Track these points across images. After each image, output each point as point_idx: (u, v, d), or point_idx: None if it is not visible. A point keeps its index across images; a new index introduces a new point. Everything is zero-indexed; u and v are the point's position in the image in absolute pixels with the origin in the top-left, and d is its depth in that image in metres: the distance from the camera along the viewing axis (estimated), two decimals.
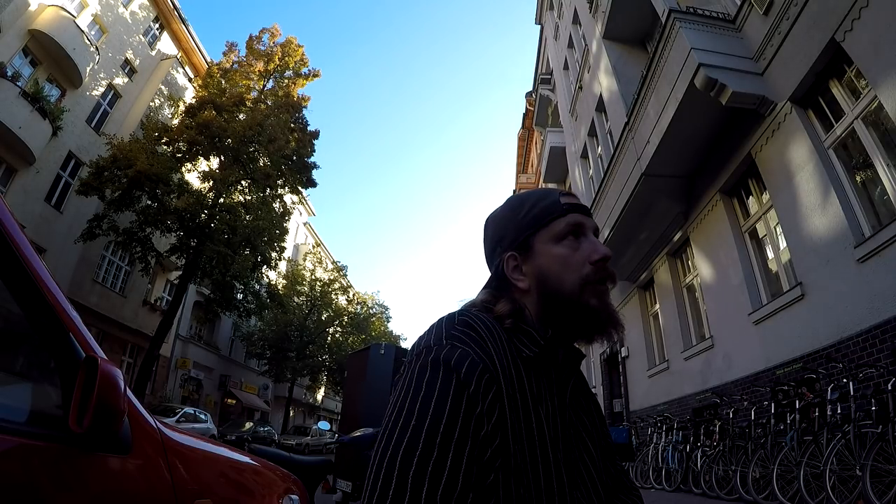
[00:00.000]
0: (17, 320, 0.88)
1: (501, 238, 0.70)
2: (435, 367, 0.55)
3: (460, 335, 0.58)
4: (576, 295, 0.64)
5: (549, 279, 0.65)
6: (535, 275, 0.66)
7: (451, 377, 0.54)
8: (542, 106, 18.64)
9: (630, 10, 8.99)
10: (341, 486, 5.20)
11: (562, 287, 0.64)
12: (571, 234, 0.66)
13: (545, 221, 0.67)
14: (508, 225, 0.69)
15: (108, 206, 13.33)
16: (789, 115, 5.23)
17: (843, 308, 4.47)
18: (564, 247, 0.66)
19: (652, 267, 9.29)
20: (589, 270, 0.64)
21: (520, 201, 0.70)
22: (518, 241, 0.67)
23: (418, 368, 0.56)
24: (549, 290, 0.65)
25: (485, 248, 0.73)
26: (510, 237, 0.68)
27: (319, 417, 36.29)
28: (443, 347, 0.56)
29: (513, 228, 0.68)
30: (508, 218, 0.70)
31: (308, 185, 18.39)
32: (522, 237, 0.67)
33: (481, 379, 0.54)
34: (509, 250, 0.68)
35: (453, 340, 0.57)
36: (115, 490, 0.88)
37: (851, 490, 3.46)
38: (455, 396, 0.53)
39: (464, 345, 0.57)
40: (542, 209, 0.67)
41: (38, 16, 12.39)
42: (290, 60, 18.29)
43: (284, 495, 1.62)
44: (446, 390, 0.53)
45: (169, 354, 19.52)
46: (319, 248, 31.70)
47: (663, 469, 6.76)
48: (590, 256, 0.65)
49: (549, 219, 0.67)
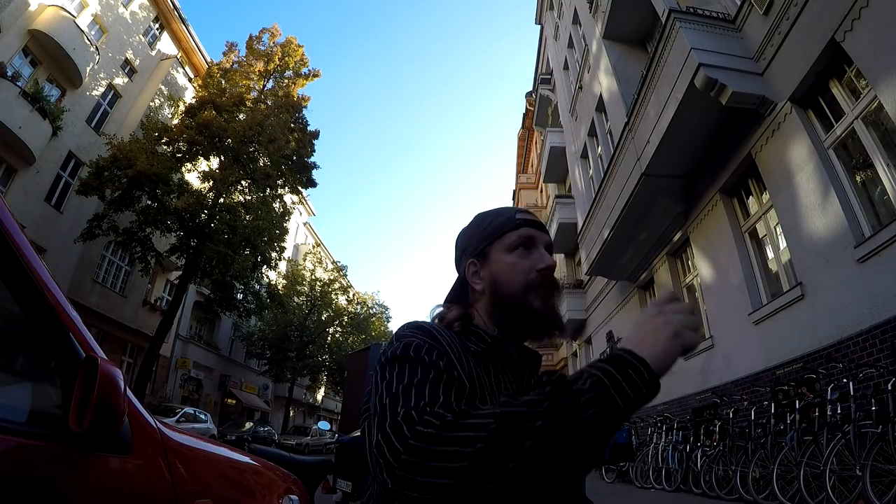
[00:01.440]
0: (17, 320, 0.88)
1: (466, 247, 0.80)
2: (400, 359, 0.60)
3: (412, 336, 0.64)
4: (521, 297, 0.72)
5: (499, 282, 0.74)
6: (489, 279, 0.76)
7: (417, 358, 0.59)
8: (542, 106, 18.64)
9: (630, 10, 8.99)
10: (341, 486, 5.20)
11: (509, 289, 0.73)
12: (522, 246, 0.75)
13: (500, 233, 0.76)
14: (472, 236, 0.79)
15: (108, 206, 13.32)
16: (789, 115, 5.23)
17: (843, 308, 4.47)
18: (515, 256, 0.75)
19: (652, 267, 9.29)
20: (534, 277, 0.73)
21: (483, 216, 0.81)
22: (478, 250, 0.77)
23: (383, 367, 0.61)
24: (499, 291, 0.74)
25: (455, 256, 0.83)
26: (472, 247, 0.78)
27: (319, 417, 36.28)
28: (399, 346, 0.62)
29: (475, 239, 0.78)
30: (473, 231, 0.80)
31: (308, 185, 18.39)
32: (481, 246, 0.77)
33: (440, 359, 0.60)
34: (471, 258, 0.78)
35: (405, 338, 0.63)
36: (115, 490, 0.88)
37: (851, 490, 3.46)
38: (424, 366, 0.58)
39: (418, 339, 0.63)
40: (499, 223, 0.77)
41: (38, 16, 12.38)
42: (290, 60, 18.28)
43: (284, 495, 1.62)
44: (415, 366, 0.58)
45: (169, 354, 19.51)
46: (319, 248, 31.68)
47: (663, 469, 6.76)
48: (536, 265, 0.74)
49: (504, 231, 0.76)
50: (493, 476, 0.44)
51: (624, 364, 0.49)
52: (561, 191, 17.10)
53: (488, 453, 0.45)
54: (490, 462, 0.44)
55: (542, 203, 20.85)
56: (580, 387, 0.48)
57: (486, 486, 0.44)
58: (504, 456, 0.44)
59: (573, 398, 0.47)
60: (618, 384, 0.47)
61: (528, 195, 23.29)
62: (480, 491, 0.44)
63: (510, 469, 0.44)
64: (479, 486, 0.44)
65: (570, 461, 0.45)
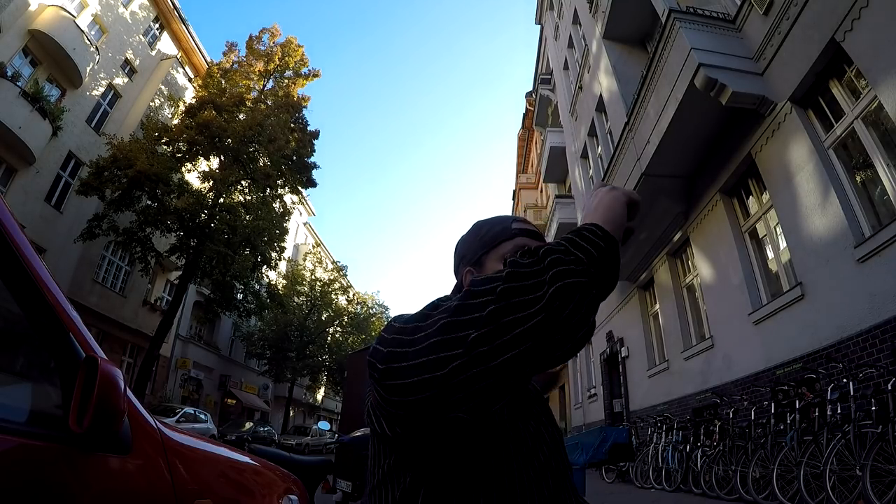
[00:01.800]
0: (17, 320, 0.88)
1: (464, 256, 0.80)
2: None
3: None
4: None
5: None
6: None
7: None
8: (542, 106, 18.65)
9: (630, 10, 8.99)
10: (341, 486, 5.20)
11: None
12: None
13: (496, 243, 0.76)
14: (470, 245, 0.79)
15: (108, 206, 13.32)
16: (789, 115, 5.23)
17: (843, 308, 4.46)
18: None
19: (652, 267, 9.29)
20: None
21: (480, 225, 0.81)
22: (475, 259, 0.77)
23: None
24: None
25: (454, 264, 0.83)
26: (469, 256, 0.78)
27: (319, 417, 36.27)
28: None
29: (472, 248, 0.78)
30: (470, 239, 0.80)
31: (308, 185, 18.39)
32: (478, 256, 0.77)
33: None
34: (468, 266, 0.78)
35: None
36: (115, 490, 0.88)
37: (851, 490, 3.46)
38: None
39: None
40: (495, 233, 0.77)
41: (38, 16, 12.38)
42: (290, 60, 18.28)
43: (284, 495, 1.62)
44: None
45: (169, 354, 19.51)
46: (319, 248, 31.68)
47: (663, 469, 6.76)
48: None
49: (499, 241, 0.76)
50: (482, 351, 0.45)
51: (580, 229, 0.54)
52: (561, 191, 17.10)
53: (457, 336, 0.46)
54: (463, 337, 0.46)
55: (542, 203, 20.85)
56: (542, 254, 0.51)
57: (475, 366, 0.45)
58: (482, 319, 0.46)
59: (537, 262, 0.50)
60: (576, 244, 0.51)
61: (528, 195, 23.29)
62: (466, 376, 0.45)
63: (492, 332, 0.45)
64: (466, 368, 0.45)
65: (545, 313, 0.46)
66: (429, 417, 0.46)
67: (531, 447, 0.64)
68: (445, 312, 0.49)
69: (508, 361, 0.45)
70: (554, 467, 0.67)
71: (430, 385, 0.45)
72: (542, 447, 0.67)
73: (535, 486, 0.62)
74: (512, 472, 0.60)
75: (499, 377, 0.45)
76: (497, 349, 0.45)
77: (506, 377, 0.46)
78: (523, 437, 0.64)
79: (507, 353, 0.45)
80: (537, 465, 0.64)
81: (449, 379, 0.44)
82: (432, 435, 0.48)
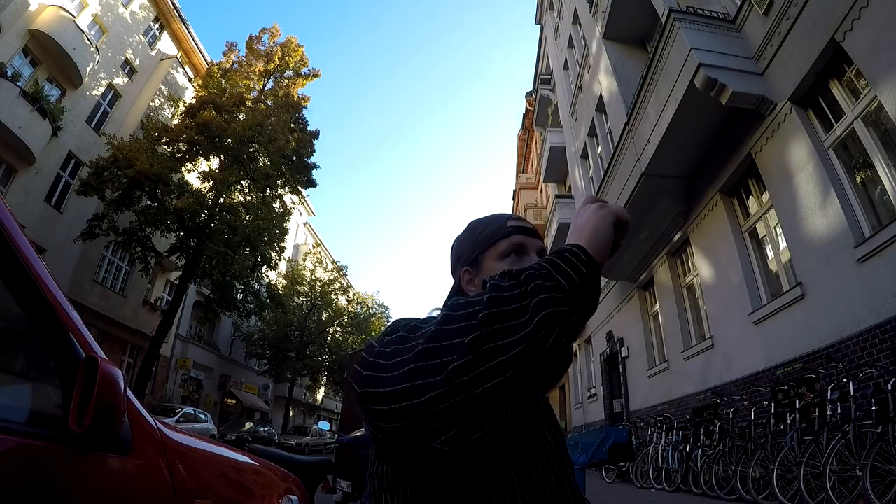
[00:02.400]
0: (17, 320, 0.88)
1: (460, 256, 0.79)
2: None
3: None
4: None
5: None
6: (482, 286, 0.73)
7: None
8: (542, 106, 18.65)
9: (630, 10, 8.99)
10: (341, 486, 5.20)
11: None
12: (514, 253, 0.74)
13: (491, 241, 0.75)
14: (466, 244, 0.79)
15: (108, 206, 13.32)
16: (789, 115, 5.23)
17: (843, 308, 4.46)
18: (506, 263, 0.74)
19: (652, 267, 9.29)
20: None
21: (475, 224, 0.80)
22: (471, 259, 0.77)
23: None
24: None
25: (451, 264, 0.83)
26: (466, 255, 0.78)
27: (319, 417, 36.28)
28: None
29: (468, 247, 0.78)
30: (466, 239, 0.80)
31: (308, 185, 18.39)
32: (474, 255, 0.76)
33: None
34: (465, 266, 0.77)
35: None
36: (115, 490, 0.88)
37: (851, 490, 3.46)
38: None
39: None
40: (490, 231, 0.76)
41: (38, 16, 12.38)
42: (290, 60, 18.28)
43: (284, 495, 1.62)
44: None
45: (169, 354, 19.51)
46: (319, 248, 31.67)
47: (663, 469, 6.76)
48: None
49: (495, 239, 0.75)
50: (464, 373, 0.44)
51: (563, 251, 0.53)
52: (561, 191, 17.09)
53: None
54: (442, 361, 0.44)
55: (542, 203, 20.84)
56: (524, 278, 0.50)
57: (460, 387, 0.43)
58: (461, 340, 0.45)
59: (519, 285, 0.49)
60: (559, 268, 0.50)
61: (528, 195, 23.27)
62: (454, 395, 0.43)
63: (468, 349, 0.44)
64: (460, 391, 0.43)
65: (528, 343, 0.45)
66: (408, 446, 0.44)
67: (534, 448, 0.64)
68: (422, 338, 0.47)
69: (489, 390, 0.44)
70: (557, 468, 0.67)
71: (407, 413, 0.43)
72: (544, 448, 0.66)
73: (538, 487, 0.61)
74: (513, 475, 0.59)
75: (479, 406, 0.43)
76: (478, 378, 0.43)
77: (486, 406, 0.44)
78: (526, 438, 0.64)
79: (488, 382, 0.43)
80: (540, 467, 0.64)
81: (427, 408, 0.42)
82: (417, 461, 0.46)
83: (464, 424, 0.43)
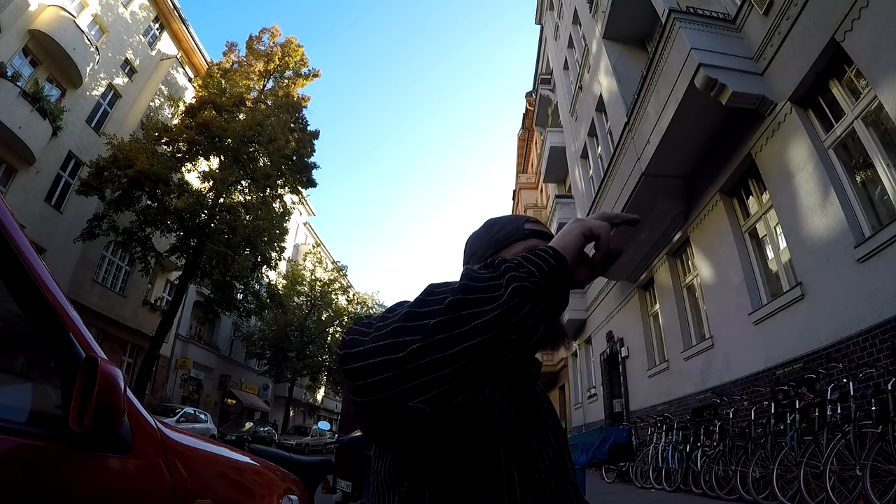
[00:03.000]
0: (17, 320, 0.88)
1: (473, 254, 0.79)
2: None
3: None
4: None
5: None
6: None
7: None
8: (542, 106, 18.65)
9: (630, 10, 8.99)
10: (341, 486, 5.20)
11: None
12: None
13: (508, 242, 0.75)
14: (481, 242, 0.79)
15: (108, 206, 13.31)
16: (789, 115, 5.23)
17: (843, 308, 4.46)
18: None
19: (652, 267, 9.29)
20: None
21: (493, 223, 0.81)
22: (485, 257, 0.76)
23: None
24: None
25: (463, 259, 0.83)
26: (480, 253, 0.78)
27: (319, 417, 36.29)
28: None
29: (482, 246, 0.78)
30: (481, 237, 0.80)
31: (308, 185, 18.38)
32: (488, 254, 0.76)
33: None
34: (477, 265, 0.76)
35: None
36: (115, 490, 0.88)
37: (851, 490, 3.46)
38: None
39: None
40: (508, 232, 0.77)
41: (38, 16, 12.38)
42: (290, 60, 18.28)
43: (284, 495, 1.62)
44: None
45: (169, 354, 19.51)
46: (319, 248, 31.67)
47: (663, 469, 6.76)
48: None
49: (512, 240, 0.75)
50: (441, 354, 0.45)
51: (532, 249, 0.56)
52: (561, 191, 17.10)
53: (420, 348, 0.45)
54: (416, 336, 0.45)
55: (542, 203, 20.85)
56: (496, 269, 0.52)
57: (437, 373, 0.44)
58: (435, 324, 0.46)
59: (493, 271, 0.51)
60: (529, 259, 0.53)
61: (528, 195, 23.28)
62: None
63: (446, 336, 0.45)
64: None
65: (503, 308, 0.47)
66: (386, 404, 0.44)
67: (537, 450, 0.64)
68: (406, 306, 0.50)
69: (466, 351, 0.45)
70: (559, 470, 0.67)
71: (385, 367, 0.44)
72: (547, 449, 0.66)
73: (539, 489, 0.61)
74: (515, 476, 0.59)
75: (456, 367, 0.45)
76: (455, 337, 0.45)
77: (465, 370, 0.45)
78: (529, 440, 0.64)
79: (464, 342, 0.45)
80: (543, 468, 0.63)
81: (406, 362, 0.44)
82: (396, 424, 0.47)
83: (443, 387, 0.44)
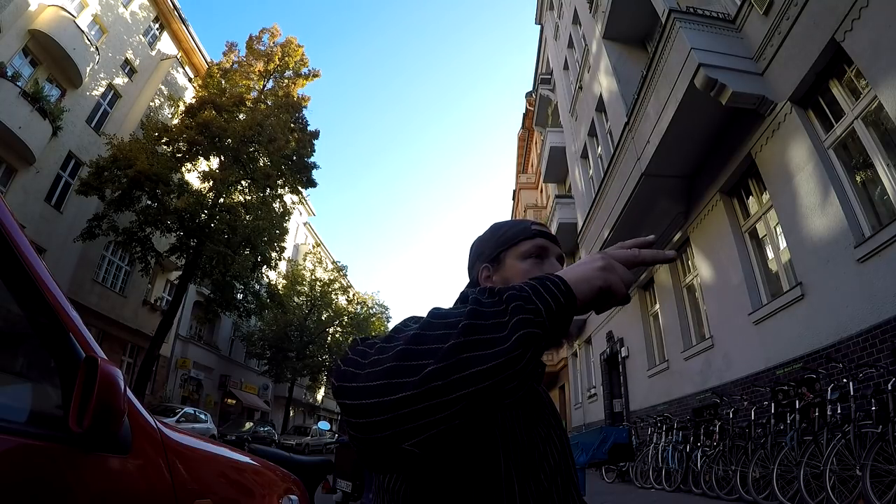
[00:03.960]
0: (17, 320, 0.88)
1: (481, 253, 0.81)
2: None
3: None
4: None
5: None
6: (501, 283, 0.76)
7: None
8: (542, 106, 18.65)
9: (630, 10, 8.99)
10: (341, 486, 5.19)
11: None
12: (535, 255, 0.77)
13: (515, 241, 0.78)
14: (487, 243, 0.81)
15: (108, 206, 13.31)
16: (789, 115, 5.23)
17: (843, 308, 4.47)
18: (527, 263, 0.76)
19: (652, 267, 9.29)
20: None
21: (499, 225, 0.83)
22: (492, 256, 0.78)
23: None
24: None
25: (468, 262, 0.85)
26: (486, 253, 0.80)
27: (319, 417, 36.29)
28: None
29: (490, 245, 0.80)
30: (488, 238, 0.82)
31: (308, 185, 18.38)
32: (496, 253, 0.78)
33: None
34: (485, 263, 0.79)
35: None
36: (114, 490, 0.88)
37: (851, 490, 3.46)
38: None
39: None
40: (515, 231, 0.79)
41: (38, 16, 12.37)
42: (290, 60, 18.27)
43: (284, 495, 1.62)
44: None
45: (169, 354, 19.51)
46: (319, 248, 31.66)
47: (663, 469, 6.76)
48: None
49: (519, 239, 0.77)
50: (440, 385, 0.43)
51: (544, 279, 0.53)
52: (561, 191, 17.10)
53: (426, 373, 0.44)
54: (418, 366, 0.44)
55: (542, 203, 20.84)
56: (503, 297, 0.50)
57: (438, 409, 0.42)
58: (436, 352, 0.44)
59: (499, 303, 0.49)
60: (539, 293, 0.50)
61: (528, 195, 23.28)
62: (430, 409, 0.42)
63: (446, 365, 0.43)
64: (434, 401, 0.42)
65: (505, 358, 0.44)
66: (378, 444, 0.43)
67: (543, 452, 0.64)
68: (403, 339, 0.47)
69: (462, 399, 0.43)
70: (563, 471, 0.67)
71: (378, 410, 0.42)
72: (552, 452, 0.67)
73: (545, 490, 0.61)
74: (522, 478, 0.59)
75: (451, 413, 0.43)
76: (452, 385, 0.43)
77: (458, 415, 0.43)
78: (535, 442, 0.64)
79: (461, 390, 0.43)
80: (548, 470, 0.64)
81: (398, 407, 0.42)
82: (389, 461, 0.45)
83: (434, 430, 0.43)
